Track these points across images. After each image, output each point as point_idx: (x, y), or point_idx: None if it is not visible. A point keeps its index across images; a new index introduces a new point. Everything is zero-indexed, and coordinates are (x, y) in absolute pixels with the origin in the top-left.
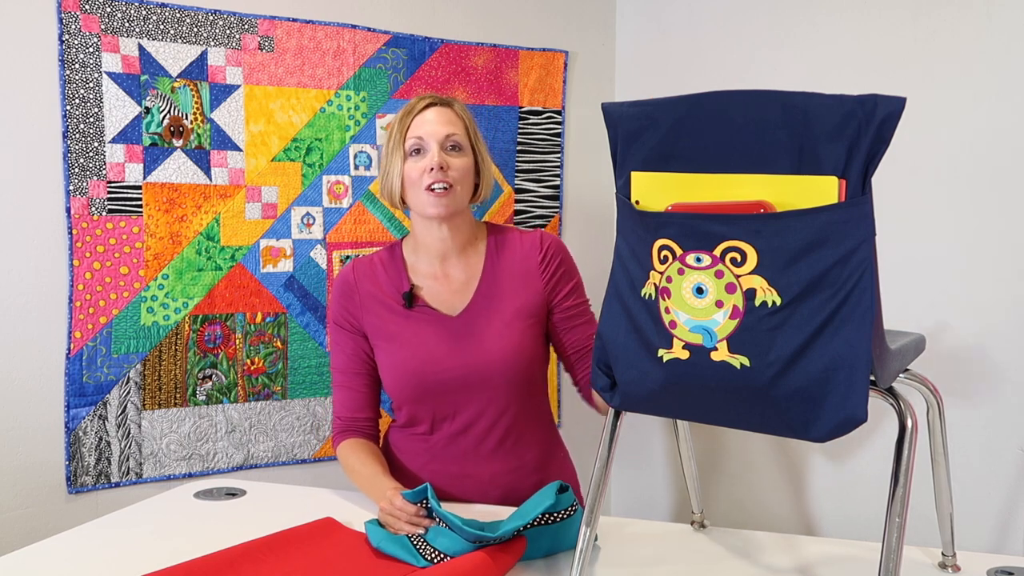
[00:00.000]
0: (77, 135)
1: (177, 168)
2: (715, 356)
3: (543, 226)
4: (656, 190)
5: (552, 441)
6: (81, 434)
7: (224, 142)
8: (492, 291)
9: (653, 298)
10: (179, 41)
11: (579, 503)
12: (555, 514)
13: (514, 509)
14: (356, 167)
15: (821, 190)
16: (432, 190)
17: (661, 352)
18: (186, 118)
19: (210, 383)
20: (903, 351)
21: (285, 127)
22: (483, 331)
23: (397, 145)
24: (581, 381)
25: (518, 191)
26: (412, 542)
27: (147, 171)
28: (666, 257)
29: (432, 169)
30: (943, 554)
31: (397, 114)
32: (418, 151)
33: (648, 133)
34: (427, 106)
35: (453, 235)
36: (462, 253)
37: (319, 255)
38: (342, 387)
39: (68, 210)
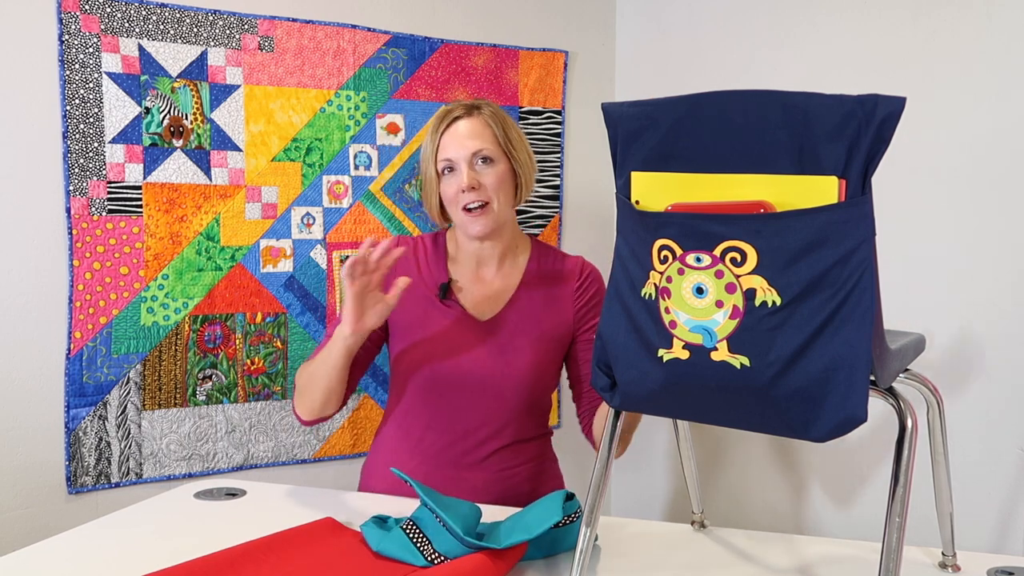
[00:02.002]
0: (77, 135)
1: (177, 168)
2: (715, 356)
3: (543, 226)
4: (656, 190)
5: (545, 453)
6: (81, 434)
7: (224, 142)
8: (524, 306)
9: (653, 298)
10: (179, 41)
11: (580, 510)
12: (558, 522)
13: (515, 510)
14: (356, 167)
15: (821, 190)
16: (469, 210)
17: (661, 352)
18: (186, 118)
19: (210, 383)
20: (903, 351)
21: (285, 127)
22: (507, 344)
23: (429, 163)
24: (584, 415)
25: None
26: (412, 541)
27: (147, 171)
28: (666, 257)
29: (464, 190)
30: (943, 554)
31: (431, 122)
32: (450, 169)
33: (648, 133)
34: (455, 119)
35: (493, 245)
36: (501, 261)
37: (319, 255)
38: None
39: (68, 210)
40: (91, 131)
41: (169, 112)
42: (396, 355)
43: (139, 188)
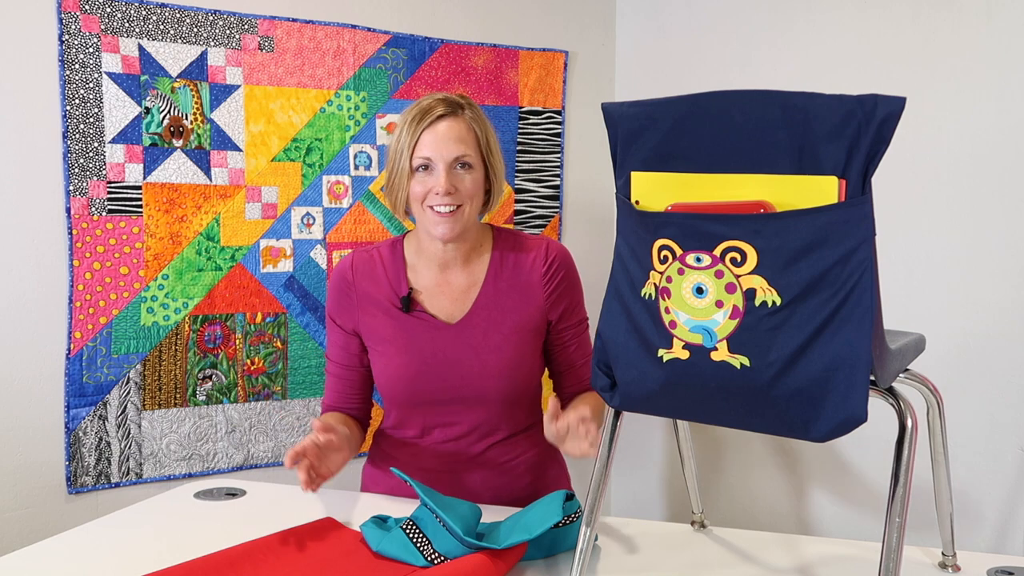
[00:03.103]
0: (77, 135)
1: (177, 168)
2: (715, 356)
3: (543, 226)
4: (656, 190)
5: (543, 440)
6: (81, 434)
7: (224, 142)
8: (493, 301)
9: (653, 298)
10: (179, 41)
11: (580, 510)
12: (558, 522)
13: (514, 510)
14: (356, 167)
15: (821, 190)
16: (439, 211)
17: (661, 352)
18: (186, 118)
19: (210, 383)
20: (903, 351)
21: (285, 127)
22: (481, 343)
23: (404, 156)
24: (561, 394)
25: (518, 191)
26: (412, 541)
27: (147, 171)
28: (666, 257)
29: (439, 193)
30: (943, 554)
31: (407, 115)
32: (426, 167)
33: (648, 133)
34: (439, 117)
35: (458, 247)
36: (465, 260)
37: (319, 255)
38: (333, 376)
39: (68, 210)
40: (91, 131)
41: (169, 112)
42: (375, 371)
43: (139, 188)
